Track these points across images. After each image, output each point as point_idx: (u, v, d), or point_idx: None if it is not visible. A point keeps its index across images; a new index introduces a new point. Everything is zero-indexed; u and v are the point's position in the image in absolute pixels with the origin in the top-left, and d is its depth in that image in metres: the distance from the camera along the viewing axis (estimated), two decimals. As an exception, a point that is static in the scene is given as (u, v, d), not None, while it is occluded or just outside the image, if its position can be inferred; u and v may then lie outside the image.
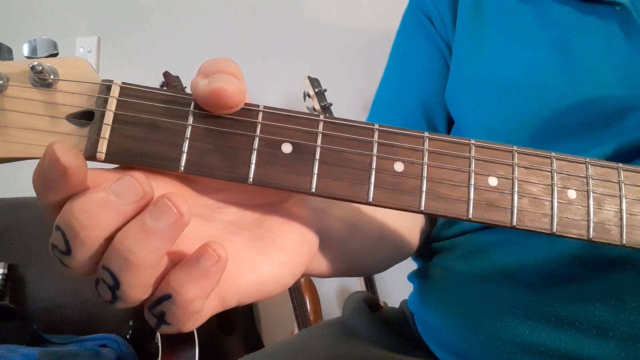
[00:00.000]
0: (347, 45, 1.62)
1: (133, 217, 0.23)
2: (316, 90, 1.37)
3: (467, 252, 0.48)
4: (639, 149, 0.39)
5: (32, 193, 0.24)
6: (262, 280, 0.27)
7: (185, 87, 1.40)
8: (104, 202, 0.23)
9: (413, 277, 0.56)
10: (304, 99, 1.40)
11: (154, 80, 1.46)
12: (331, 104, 1.38)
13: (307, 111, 1.44)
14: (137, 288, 0.23)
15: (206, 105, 0.26)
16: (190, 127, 0.27)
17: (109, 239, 0.23)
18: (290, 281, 0.29)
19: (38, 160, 0.26)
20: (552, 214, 0.28)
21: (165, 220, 0.22)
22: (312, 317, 1.42)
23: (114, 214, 0.23)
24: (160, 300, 0.23)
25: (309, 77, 1.39)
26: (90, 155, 0.26)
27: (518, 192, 0.28)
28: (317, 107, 1.36)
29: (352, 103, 1.53)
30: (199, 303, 0.24)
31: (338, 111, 1.40)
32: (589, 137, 0.42)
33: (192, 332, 1.26)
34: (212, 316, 0.26)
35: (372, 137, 0.28)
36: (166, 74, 1.42)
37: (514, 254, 0.43)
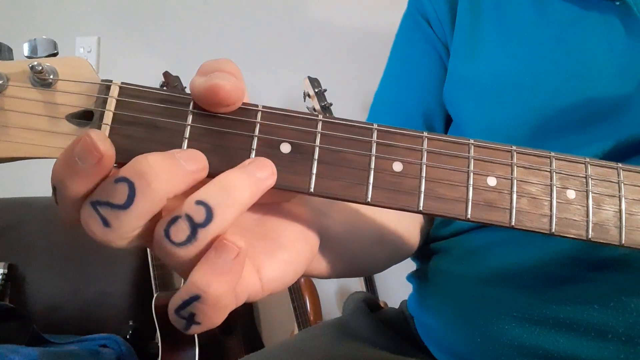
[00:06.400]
0: (347, 45, 1.62)
1: (190, 188, 0.24)
2: (316, 90, 1.37)
3: (463, 252, 0.48)
4: (639, 144, 0.39)
5: (32, 193, 0.24)
6: (267, 279, 0.27)
7: (185, 87, 1.40)
8: (176, 162, 0.24)
9: (412, 278, 0.56)
10: (304, 99, 1.40)
11: (154, 80, 1.46)
12: (331, 104, 1.38)
13: (306, 111, 1.43)
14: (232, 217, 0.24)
15: (203, 102, 0.26)
16: (189, 127, 0.27)
17: (163, 203, 0.24)
18: (293, 279, 0.29)
19: (38, 159, 0.26)
20: (551, 214, 0.28)
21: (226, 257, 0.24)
22: (312, 317, 1.42)
23: (182, 175, 0.24)
24: (189, 302, 0.24)
25: (309, 77, 1.39)
26: (90, 155, 0.26)
27: (517, 192, 0.28)
28: (317, 107, 1.36)
29: (352, 103, 1.53)
30: (227, 297, 0.24)
31: (338, 111, 1.40)
32: (588, 133, 0.42)
33: (192, 332, 1.26)
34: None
35: (371, 137, 0.28)
36: (166, 74, 1.42)
37: (511, 255, 0.43)
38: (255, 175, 0.25)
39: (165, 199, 0.24)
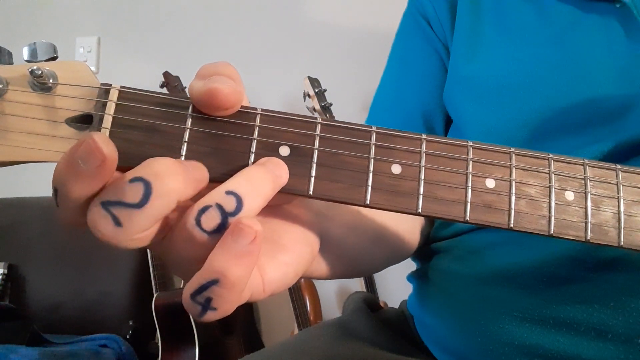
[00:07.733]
0: (347, 45, 1.62)
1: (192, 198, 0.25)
2: (316, 90, 1.37)
3: (464, 253, 0.48)
4: (638, 146, 0.39)
5: (32, 193, 0.24)
6: (267, 280, 0.28)
7: (185, 87, 1.40)
8: (185, 167, 0.25)
9: (412, 278, 0.56)
10: (304, 99, 1.40)
11: (154, 80, 1.46)
12: (331, 104, 1.38)
13: (307, 111, 1.43)
14: (258, 207, 0.26)
15: (202, 106, 0.27)
16: (188, 130, 0.27)
17: (174, 206, 0.24)
18: (293, 280, 0.29)
19: (38, 163, 0.26)
20: (549, 215, 0.28)
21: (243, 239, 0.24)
22: (312, 317, 1.43)
23: (191, 181, 0.25)
24: (207, 286, 0.24)
25: (309, 77, 1.39)
26: (89, 159, 0.26)
27: (515, 193, 0.28)
28: (317, 107, 1.36)
29: (352, 103, 1.53)
30: (244, 281, 0.24)
31: (338, 111, 1.40)
32: (588, 135, 0.42)
33: (192, 332, 1.26)
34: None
35: (370, 139, 0.28)
36: (166, 74, 1.42)
37: (511, 255, 0.43)
38: (274, 172, 0.26)
39: (176, 202, 0.24)
